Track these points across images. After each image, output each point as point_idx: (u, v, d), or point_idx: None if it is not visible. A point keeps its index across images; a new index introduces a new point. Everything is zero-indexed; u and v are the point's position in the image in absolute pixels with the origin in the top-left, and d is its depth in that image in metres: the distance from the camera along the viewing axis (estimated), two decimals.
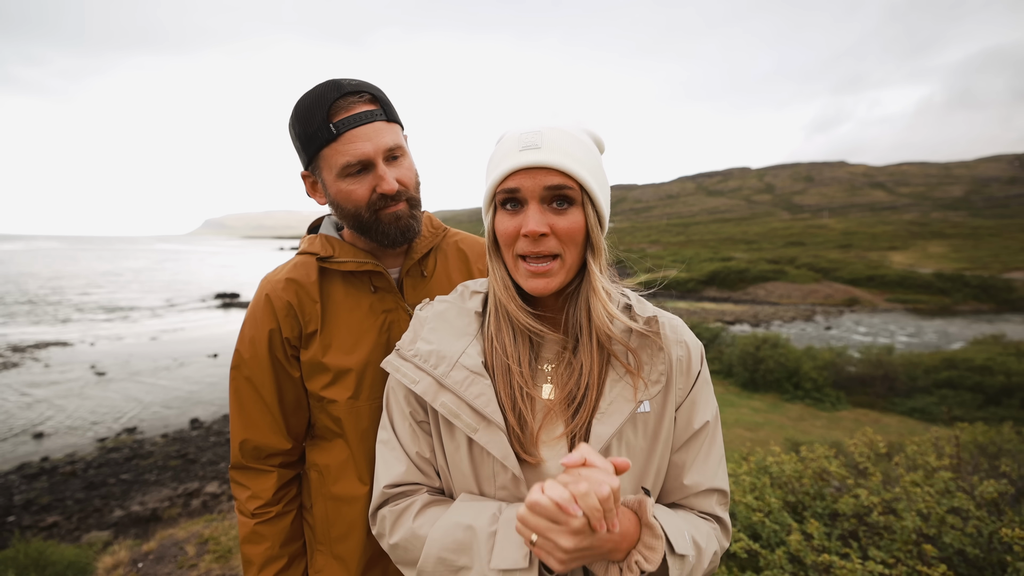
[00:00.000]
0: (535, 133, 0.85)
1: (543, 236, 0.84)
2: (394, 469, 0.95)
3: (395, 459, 0.96)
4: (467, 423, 0.87)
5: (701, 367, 0.96)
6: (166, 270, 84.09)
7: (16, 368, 20.34)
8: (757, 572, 2.24)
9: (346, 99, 1.08)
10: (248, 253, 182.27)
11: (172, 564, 4.59)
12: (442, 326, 0.97)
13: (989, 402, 16.90)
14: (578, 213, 0.86)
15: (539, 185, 0.83)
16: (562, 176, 0.83)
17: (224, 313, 37.43)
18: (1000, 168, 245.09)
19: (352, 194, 1.12)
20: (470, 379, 0.89)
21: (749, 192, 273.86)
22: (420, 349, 0.94)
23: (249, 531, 1.21)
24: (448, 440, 0.93)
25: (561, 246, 0.86)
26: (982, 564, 2.05)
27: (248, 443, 1.21)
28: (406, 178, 1.16)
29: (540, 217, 0.84)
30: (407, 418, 0.97)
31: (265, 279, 1.23)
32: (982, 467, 3.36)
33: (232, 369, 1.22)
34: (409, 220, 1.18)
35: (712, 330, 24.34)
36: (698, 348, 0.97)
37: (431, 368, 0.91)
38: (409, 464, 0.96)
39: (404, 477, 0.95)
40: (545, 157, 0.82)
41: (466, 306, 1.00)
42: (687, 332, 0.97)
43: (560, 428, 0.90)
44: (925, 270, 63.21)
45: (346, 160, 1.08)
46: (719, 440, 0.97)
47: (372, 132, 1.09)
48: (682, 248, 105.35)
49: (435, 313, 1.00)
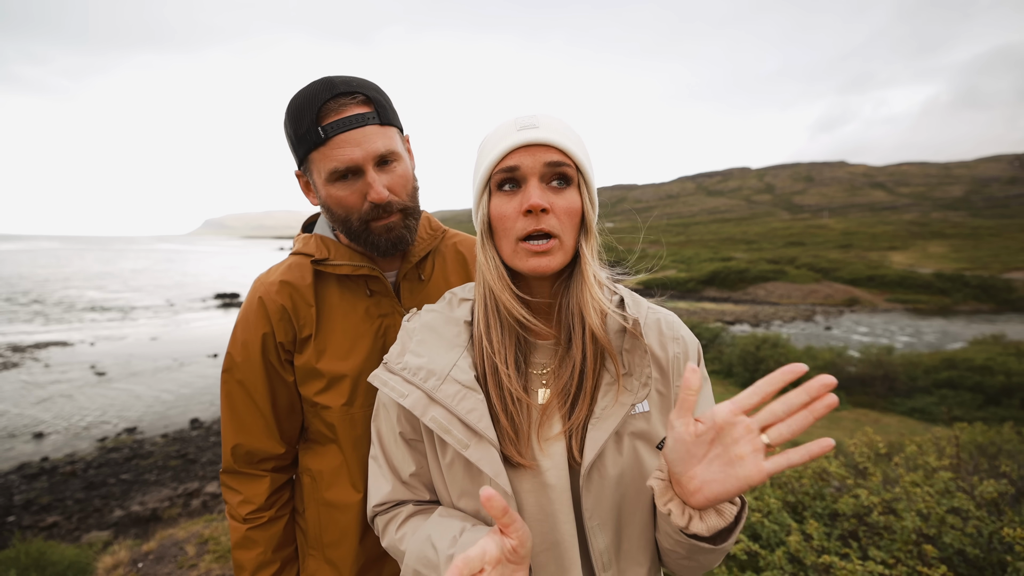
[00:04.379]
0: (531, 116, 0.88)
1: (544, 212, 0.84)
2: (382, 489, 0.97)
3: (382, 478, 0.97)
4: (458, 439, 0.85)
5: (698, 365, 0.95)
6: (166, 270, 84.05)
7: (16, 368, 20.33)
8: (757, 572, 2.24)
9: (337, 100, 1.04)
10: (248, 253, 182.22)
11: (172, 564, 4.59)
12: (431, 337, 0.94)
13: (989, 402, 16.92)
14: (575, 193, 0.87)
15: (539, 162, 0.85)
16: (560, 154, 0.85)
17: (224, 313, 37.42)
18: (1000, 168, 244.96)
19: (342, 200, 1.09)
20: (462, 393, 0.87)
21: (749, 192, 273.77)
22: (409, 363, 0.92)
23: (241, 536, 1.18)
24: (441, 456, 0.91)
25: (560, 225, 0.86)
26: (982, 564, 2.05)
27: (240, 447, 1.18)
28: (398, 186, 1.11)
29: (541, 192, 0.85)
30: (396, 438, 0.95)
31: (258, 280, 1.19)
32: (982, 467, 3.36)
33: (224, 372, 1.18)
34: (402, 231, 1.13)
35: (712, 330, 24.33)
36: (695, 345, 0.97)
37: (420, 382, 0.89)
38: (395, 483, 0.96)
39: (390, 496, 0.96)
40: (544, 135, 0.84)
41: (454, 315, 0.97)
42: (683, 329, 0.97)
43: (557, 426, 0.89)
44: (925, 270, 63.20)
45: (334, 166, 1.05)
46: None
47: (362, 137, 1.04)
48: (682, 248, 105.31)
49: (423, 324, 0.97)
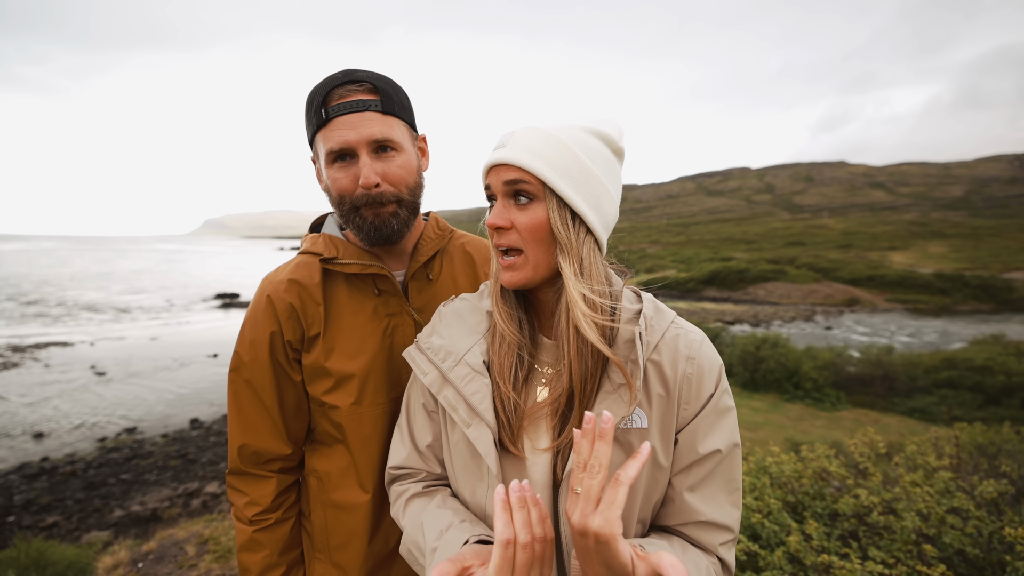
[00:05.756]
0: (509, 134, 0.89)
1: (504, 230, 0.88)
2: (399, 453, 1.06)
3: (401, 444, 1.07)
4: (462, 418, 0.91)
5: (716, 391, 0.88)
6: (166, 270, 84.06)
7: (16, 368, 20.33)
8: (757, 573, 2.23)
9: (346, 87, 1.07)
10: (249, 253, 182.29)
11: (172, 564, 4.59)
12: (456, 322, 1.01)
13: (989, 402, 16.90)
14: (539, 209, 0.86)
15: (500, 181, 0.87)
16: (520, 171, 0.85)
17: (224, 313, 37.41)
18: (1000, 168, 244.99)
19: (336, 182, 1.10)
20: (470, 376, 0.93)
21: (749, 192, 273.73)
22: (433, 343, 0.99)
23: (247, 538, 1.18)
24: (451, 431, 0.97)
25: (522, 241, 0.88)
26: (982, 564, 2.05)
27: (247, 448, 1.17)
28: (395, 176, 1.10)
29: (502, 211, 0.88)
30: (420, 408, 1.04)
31: (266, 279, 1.19)
32: (982, 467, 3.36)
33: (231, 371, 1.18)
34: (389, 220, 1.11)
35: (712, 330, 24.34)
36: (714, 369, 0.89)
37: (439, 362, 0.96)
38: (411, 450, 1.05)
39: (405, 462, 1.05)
40: (505, 154, 0.86)
41: (480, 305, 1.03)
42: (702, 349, 0.89)
43: (544, 440, 0.90)
44: (925, 270, 63.18)
45: (330, 146, 1.07)
46: (734, 476, 0.88)
47: (359, 121, 1.05)
48: (682, 248, 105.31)
49: (453, 310, 1.04)
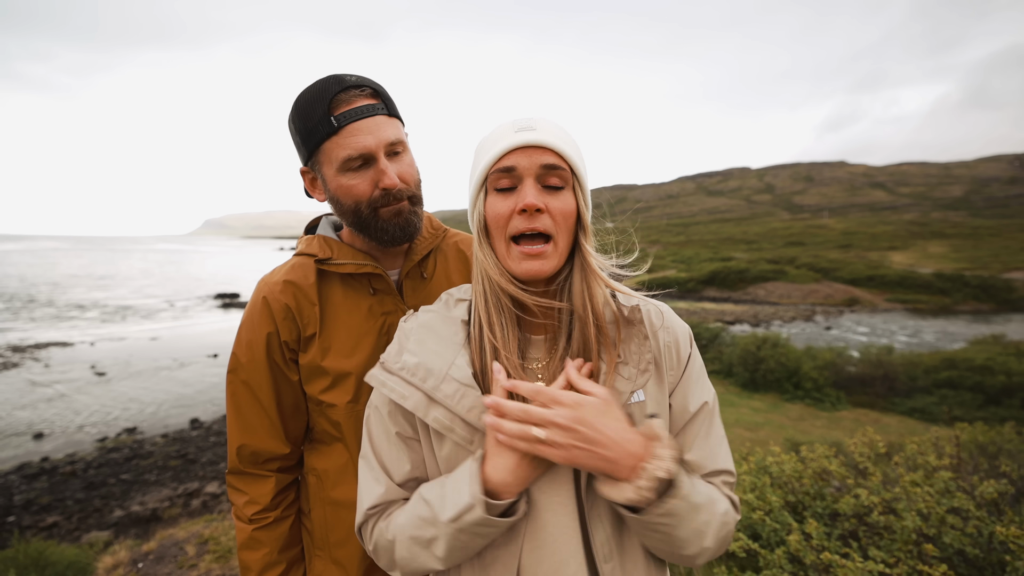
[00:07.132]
0: (529, 118, 0.89)
1: (539, 212, 0.86)
2: (373, 492, 0.95)
3: (374, 482, 0.95)
4: (462, 436, 0.87)
5: (691, 350, 0.97)
6: (166, 270, 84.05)
7: (16, 368, 20.36)
8: (757, 572, 2.24)
9: (348, 93, 1.07)
10: (249, 253, 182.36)
11: (172, 564, 4.59)
12: (428, 337, 0.94)
13: (989, 402, 16.91)
14: (570, 196, 0.89)
15: (535, 163, 0.86)
16: (556, 156, 0.86)
17: (224, 313, 37.46)
18: (1000, 168, 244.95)
19: (353, 189, 1.10)
20: (461, 392, 0.87)
21: (749, 192, 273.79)
22: (407, 362, 0.91)
23: (247, 537, 1.19)
24: (438, 448, 0.92)
25: (555, 226, 0.87)
26: (982, 564, 2.05)
27: (246, 448, 1.19)
28: (407, 174, 1.14)
29: (537, 193, 0.86)
30: (392, 438, 0.95)
31: (262, 281, 1.20)
32: (982, 467, 3.36)
33: (229, 373, 1.20)
34: (410, 216, 1.15)
35: (712, 330, 24.33)
36: (686, 332, 0.98)
37: (420, 382, 0.89)
38: (389, 485, 0.95)
39: (384, 498, 0.95)
40: (541, 136, 0.86)
41: (452, 315, 0.97)
42: (673, 316, 0.98)
43: None
44: (925, 270, 63.19)
45: (347, 153, 1.07)
46: (718, 422, 0.97)
47: (374, 125, 1.07)
48: (682, 248, 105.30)
49: (420, 324, 0.97)
